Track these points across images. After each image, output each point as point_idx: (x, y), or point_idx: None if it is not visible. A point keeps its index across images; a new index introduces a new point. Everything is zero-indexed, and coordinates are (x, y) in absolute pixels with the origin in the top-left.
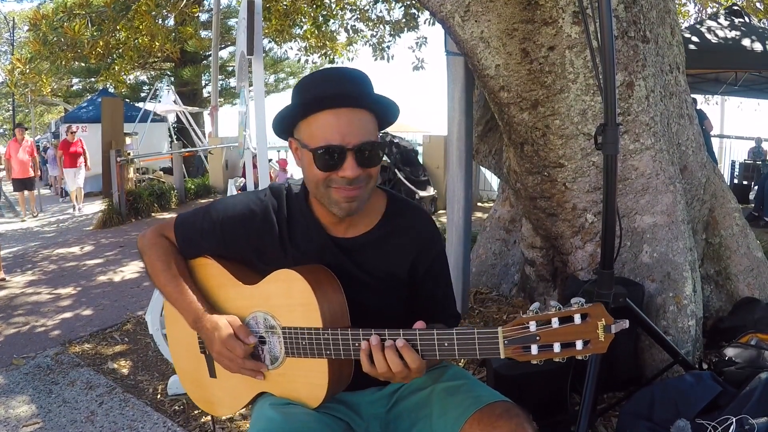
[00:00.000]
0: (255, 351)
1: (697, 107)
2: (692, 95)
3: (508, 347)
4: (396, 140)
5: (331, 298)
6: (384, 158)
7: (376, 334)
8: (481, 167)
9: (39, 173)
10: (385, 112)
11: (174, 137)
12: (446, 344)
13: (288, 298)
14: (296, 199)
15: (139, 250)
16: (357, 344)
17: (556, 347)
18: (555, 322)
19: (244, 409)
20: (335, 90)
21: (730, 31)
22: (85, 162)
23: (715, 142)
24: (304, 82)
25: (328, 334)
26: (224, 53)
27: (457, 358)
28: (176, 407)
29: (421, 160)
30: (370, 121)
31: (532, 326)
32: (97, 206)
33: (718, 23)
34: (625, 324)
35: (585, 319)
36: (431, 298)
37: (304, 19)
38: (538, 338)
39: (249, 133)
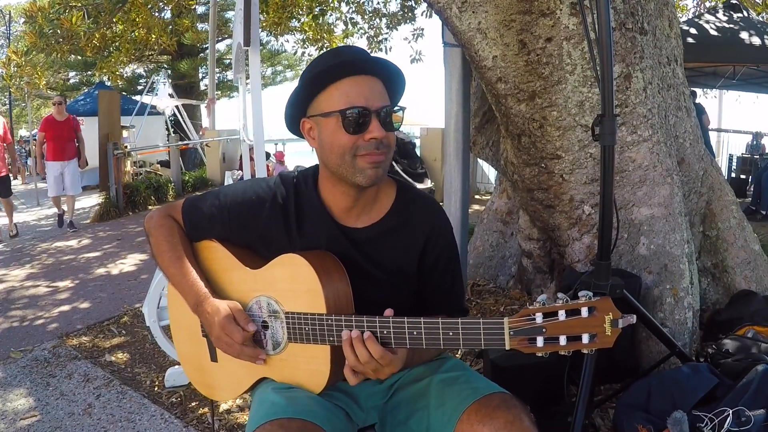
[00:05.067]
0: (257, 336)
1: (696, 101)
2: (691, 88)
3: (513, 338)
4: None
5: (337, 285)
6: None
7: (368, 323)
8: (478, 159)
9: (18, 170)
10: (393, 80)
11: (171, 130)
12: (451, 333)
13: (293, 283)
14: (306, 187)
15: (145, 230)
16: (362, 331)
17: (562, 340)
18: (562, 315)
19: (240, 400)
20: (349, 58)
21: (729, 25)
22: (80, 154)
23: (713, 136)
24: (314, 62)
25: (332, 320)
26: (221, 46)
27: (462, 348)
28: (173, 399)
29: (418, 153)
30: (384, 88)
31: (539, 318)
32: (94, 199)
33: (717, 17)
34: (632, 319)
35: (592, 313)
36: (436, 290)
37: (301, 12)
38: (544, 330)
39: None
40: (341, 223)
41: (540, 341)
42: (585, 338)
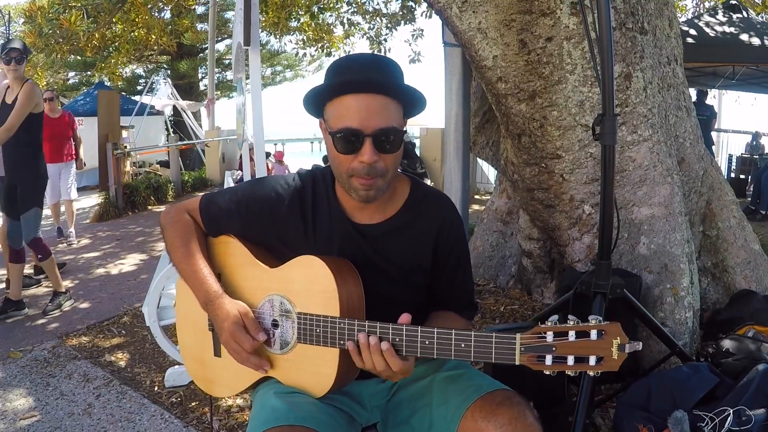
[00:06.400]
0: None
1: (706, 101)
2: (704, 88)
3: (524, 354)
4: None
5: (351, 290)
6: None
7: (381, 331)
8: (478, 159)
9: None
10: (411, 101)
11: (171, 130)
12: (463, 345)
13: (308, 284)
14: (323, 184)
15: (161, 225)
16: (379, 339)
17: (570, 360)
18: (572, 335)
19: (241, 400)
20: (360, 75)
21: (728, 25)
22: (77, 153)
23: (713, 136)
24: (336, 64)
25: (344, 323)
26: (221, 46)
27: (473, 360)
28: (173, 399)
29: (418, 153)
30: (394, 107)
31: (549, 337)
32: (93, 200)
33: (716, 18)
34: (639, 346)
35: (601, 336)
36: (447, 285)
37: (300, 12)
38: (554, 349)
39: (246, 126)
40: (355, 220)
41: (549, 359)
42: (592, 360)
